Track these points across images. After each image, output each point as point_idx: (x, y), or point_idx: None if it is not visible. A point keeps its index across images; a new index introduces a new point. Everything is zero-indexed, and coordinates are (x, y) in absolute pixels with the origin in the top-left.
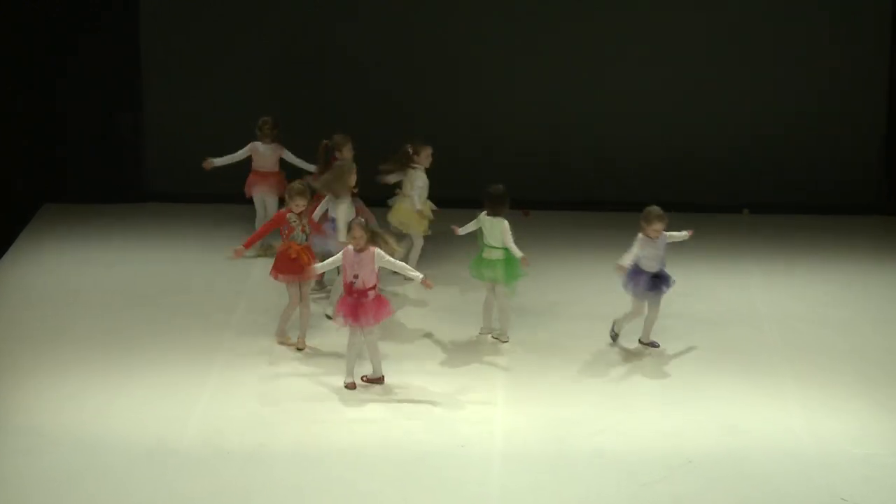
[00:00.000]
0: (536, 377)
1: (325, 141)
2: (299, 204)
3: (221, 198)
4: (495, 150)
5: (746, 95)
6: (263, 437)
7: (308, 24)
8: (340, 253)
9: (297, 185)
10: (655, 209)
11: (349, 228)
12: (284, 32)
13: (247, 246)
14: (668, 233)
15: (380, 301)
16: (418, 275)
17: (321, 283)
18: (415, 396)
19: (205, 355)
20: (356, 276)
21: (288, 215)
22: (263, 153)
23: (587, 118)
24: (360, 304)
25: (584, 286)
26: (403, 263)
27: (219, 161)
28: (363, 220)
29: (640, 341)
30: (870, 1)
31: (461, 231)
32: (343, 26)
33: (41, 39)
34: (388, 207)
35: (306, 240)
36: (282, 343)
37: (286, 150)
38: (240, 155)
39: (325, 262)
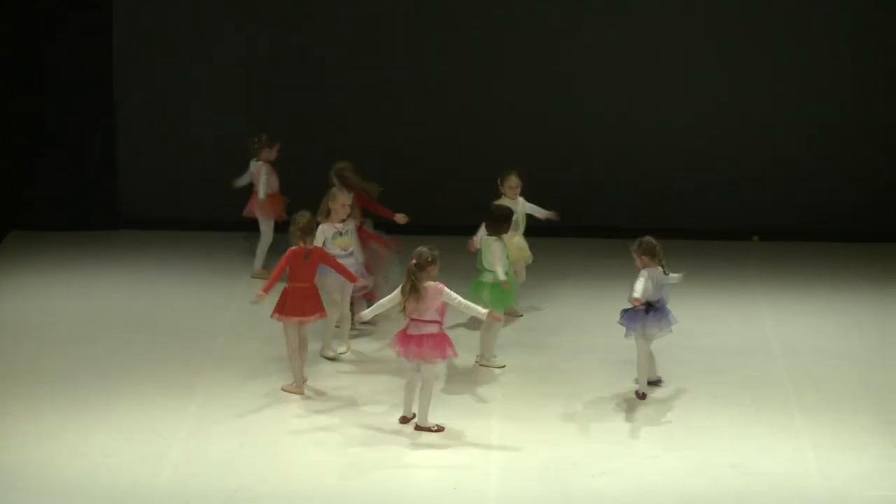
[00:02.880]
0: (534, 413)
1: None
2: (309, 241)
3: (198, 224)
4: (497, 173)
5: (754, 118)
6: (243, 479)
7: (292, 35)
8: (397, 291)
9: (303, 220)
10: (652, 240)
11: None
12: (264, 47)
13: (266, 290)
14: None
15: (441, 339)
16: (484, 312)
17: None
18: (404, 434)
19: (181, 391)
20: (426, 310)
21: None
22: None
23: (591, 142)
24: (427, 339)
25: (587, 317)
26: (468, 302)
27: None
28: (424, 251)
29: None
30: (893, 25)
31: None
32: (328, 39)
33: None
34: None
35: None
36: (290, 391)
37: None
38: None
39: (377, 304)
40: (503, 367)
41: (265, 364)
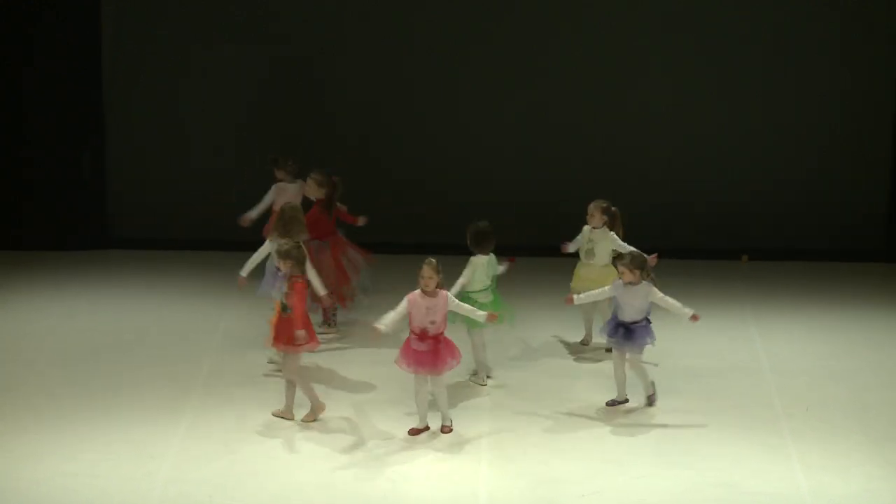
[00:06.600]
0: (524, 432)
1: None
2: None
3: (188, 244)
4: (482, 193)
5: (745, 138)
6: (232, 500)
7: (285, 53)
8: (405, 302)
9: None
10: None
11: (421, 268)
12: (256, 65)
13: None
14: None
15: (450, 344)
16: (482, 314)
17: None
18: (392, 453)
19: (170, 411)
20: (432, 322)
21: None
22: (292, 192)
23: (578, 161)
24: (436, 351)
25: (573, 334)
26: (470, 307)
27: (254, 213)
28: (434, 260)
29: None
30: (880, 49)
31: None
32: (315, 59)
33: None
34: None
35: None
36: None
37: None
38: (268, 199)
39: (389, 317)
40: (486, 383)
41: (254, 383)
